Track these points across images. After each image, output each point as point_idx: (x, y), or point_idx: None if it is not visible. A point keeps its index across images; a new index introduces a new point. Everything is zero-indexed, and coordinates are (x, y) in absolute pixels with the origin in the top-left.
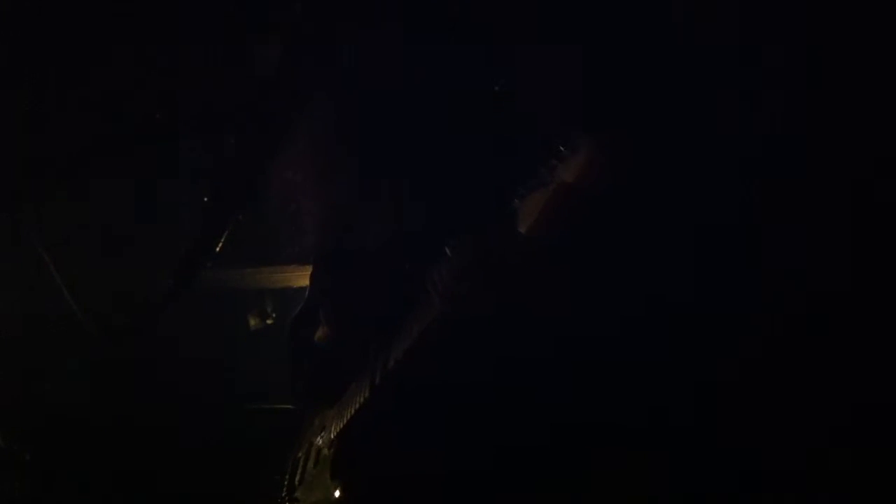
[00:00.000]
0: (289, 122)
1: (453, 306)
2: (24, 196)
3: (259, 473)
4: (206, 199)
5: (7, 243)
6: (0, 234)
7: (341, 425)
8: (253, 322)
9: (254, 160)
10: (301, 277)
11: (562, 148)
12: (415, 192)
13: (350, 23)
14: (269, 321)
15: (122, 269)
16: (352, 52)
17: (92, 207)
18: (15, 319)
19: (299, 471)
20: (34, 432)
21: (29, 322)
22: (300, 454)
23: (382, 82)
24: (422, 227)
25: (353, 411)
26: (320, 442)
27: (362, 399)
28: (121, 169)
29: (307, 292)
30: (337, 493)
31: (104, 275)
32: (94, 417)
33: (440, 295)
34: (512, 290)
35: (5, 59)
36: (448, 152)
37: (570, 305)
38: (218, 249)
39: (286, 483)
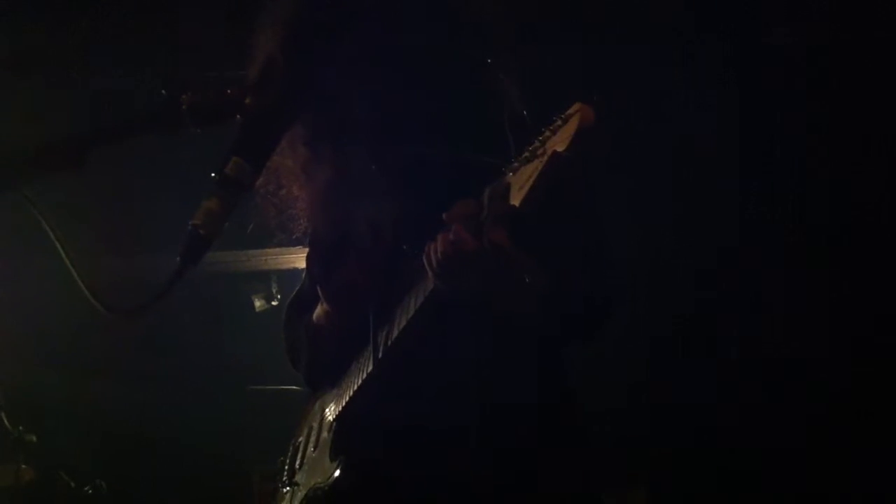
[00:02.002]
0: (288, 107)
1: (447, 282)
2: (31, 179)
3: (263, 455)
4: (213, 175)
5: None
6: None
7: (342, 406)
8: (258, 304)
9: (258, 139)
10: (305, 259)
11: (554, 117)
12: (410, 176)
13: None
14: (274, 303)
15: (129, 253)
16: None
17: (96, 192)
18: (18, 308)
19: (300, 455)
20: (39, 417)
21: (34, 310)
22: (300, 438)
23: (375, 69)
24: (419, 210)
25: (352, 392)
26: (320, 424)
27: (362, 379)
28: (126, 154)
29: (303, 275)
30: (336, 474)
31: (110, 260)
32: (98, 399)
33: (433, 271)
34: (504, 263)
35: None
36: (442, 136)
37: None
38: (224, 226)
39: (286, 468)
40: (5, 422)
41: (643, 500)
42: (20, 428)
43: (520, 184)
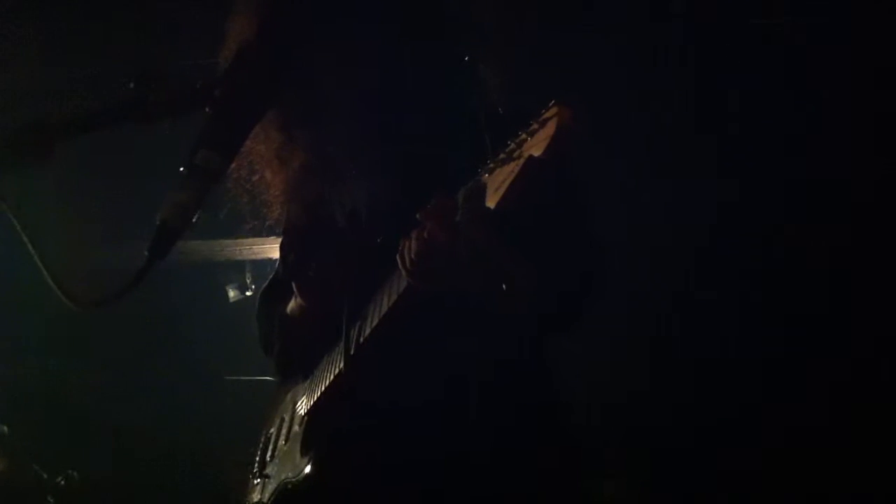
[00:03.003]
0: (261, 94)
1: (420, 281)
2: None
3: (238, 444)
4: (181, 169)
5: None
6: None
7: (313, 400)
8: (232, 294)
9: (228, 130)
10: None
11: (531, 121)
12: (385, 164)
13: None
14: (248, 293)
15: (97, 242)
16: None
17: (64, 181)
18: None
19: (270, 446)
20: (10, 407)
21: (6, 299)
22: (272, 430)
23: (351, 55)
24: (393, 199)
25: (324, 386)
26: (291, 417)
27: (334, 373)
28: (93, 144)
29: (277, 264)
30: (307, 470)
31: (80, 250)
32: (70, 388)
33: (407, 269)
34: (479, 264)
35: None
36: (418, 125)
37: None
38: (194, 220)
39: (257, 459)
40: None
41: (622, 487)
42: None
43: (495, 185)
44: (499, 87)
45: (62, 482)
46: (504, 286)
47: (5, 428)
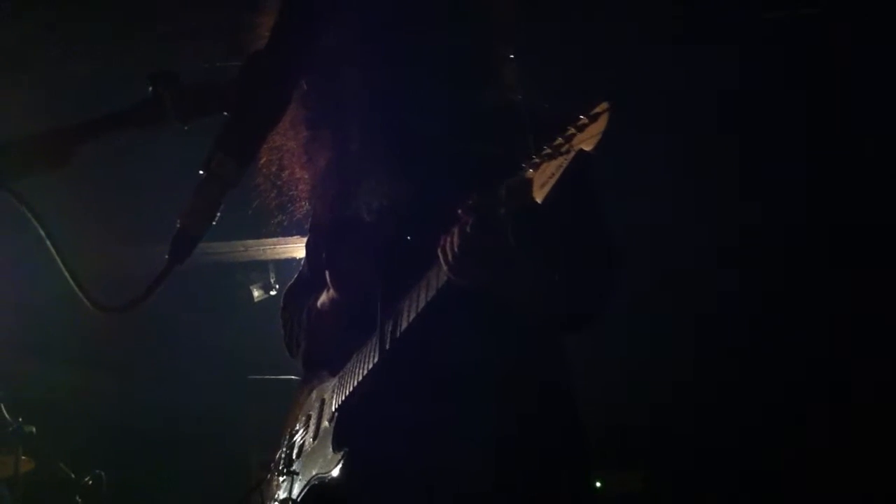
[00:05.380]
0: (281, 91)
1: (462, 277)
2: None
3: (262, 444)
4: (200, 171)
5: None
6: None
7: (344, 396)
8: (257, 294)
9: (244, 135)
10: (304, 249)
11: (581, 116)
12: (413, 160)
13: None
14: (272, 292)
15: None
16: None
17: (84, 183)
18: (18, 300)
19: (297, 444)
20: (38, 408)
21: (33, 302)
22: (297, 427)
23: (378, 48)
24: (418, 197)
25: (357, 381)
26: (319, 414)
27: (368, 368)
28: (116, 146)
29: (302, 262)
30: (340, 465)
31: (102, 252)
32: (97, 389)
33: (449, 264)
34: (522, 260)
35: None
36: (445, 120)
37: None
38: (213, 222)
39: (283, 455)
40: (5, 413)
41: (640, 480)
42: (20, 419)
43: (542, 180)
44: (524, 83)
45: (89, 482)
46: (541, 283)
47: (33, 429)
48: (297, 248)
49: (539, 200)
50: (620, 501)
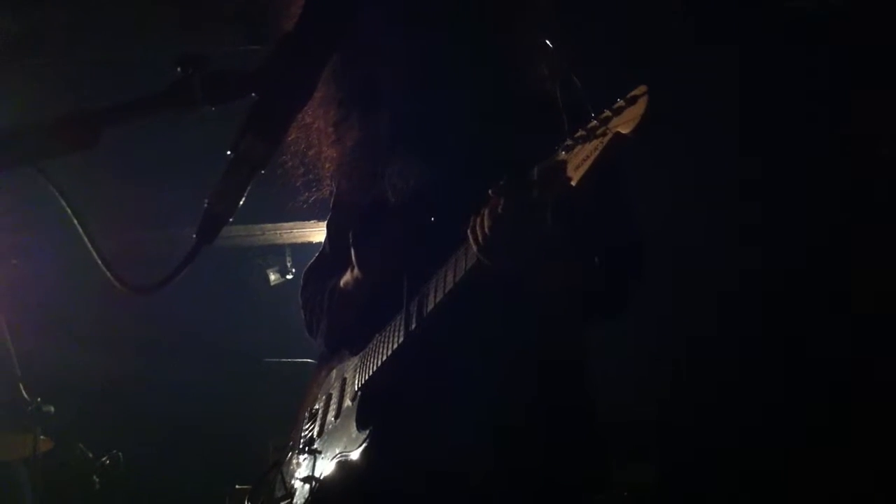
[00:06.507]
0: (311, 73)
1: (493, 258)
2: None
3: (279, 426)
4: (228, 153)
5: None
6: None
7: (368, 375)
8: (273, 277)
9: (272, 117)
10: (320, 233)
11: (618, 99)
12: (442, 143)
13: None
14: (289, 276)
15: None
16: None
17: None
18: (38, 280)
19: (318, 423)
20: (57, 388)
21: (53, 282)
22: (317, 406)
23: (410, 28)
24: (444, 179)
25: (381, 360)
26: (341, 393)
27: (392, 347)
28: (141, 131)
29: (323, 242)
30: (365, 443)
31: (130, 235)
32: (115, 370)
33: (479, 246)
34: (555, 243)
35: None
36: (476, 104)
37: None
38: (240, 204)
39: (304, 435)
40: (23, 393)
41: (652, 474)
42: (38, 399)
43: (576, 162)
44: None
45: (107, 462)
46: (573, 262)
47: (51, 408)
48: (314, 233)
49: (574, 183)
50: (631, 492)
